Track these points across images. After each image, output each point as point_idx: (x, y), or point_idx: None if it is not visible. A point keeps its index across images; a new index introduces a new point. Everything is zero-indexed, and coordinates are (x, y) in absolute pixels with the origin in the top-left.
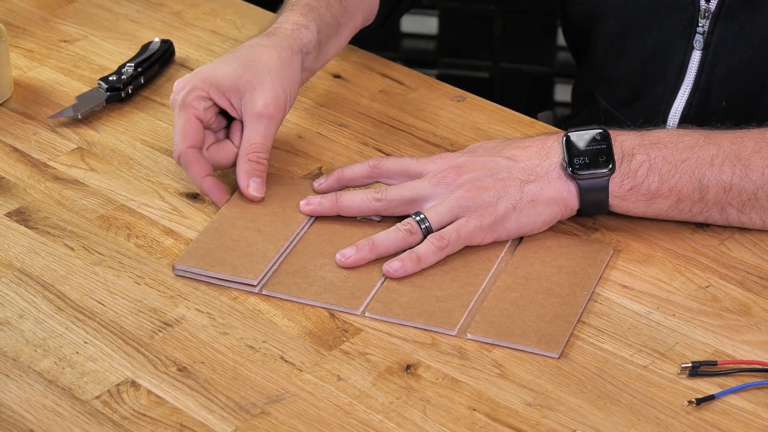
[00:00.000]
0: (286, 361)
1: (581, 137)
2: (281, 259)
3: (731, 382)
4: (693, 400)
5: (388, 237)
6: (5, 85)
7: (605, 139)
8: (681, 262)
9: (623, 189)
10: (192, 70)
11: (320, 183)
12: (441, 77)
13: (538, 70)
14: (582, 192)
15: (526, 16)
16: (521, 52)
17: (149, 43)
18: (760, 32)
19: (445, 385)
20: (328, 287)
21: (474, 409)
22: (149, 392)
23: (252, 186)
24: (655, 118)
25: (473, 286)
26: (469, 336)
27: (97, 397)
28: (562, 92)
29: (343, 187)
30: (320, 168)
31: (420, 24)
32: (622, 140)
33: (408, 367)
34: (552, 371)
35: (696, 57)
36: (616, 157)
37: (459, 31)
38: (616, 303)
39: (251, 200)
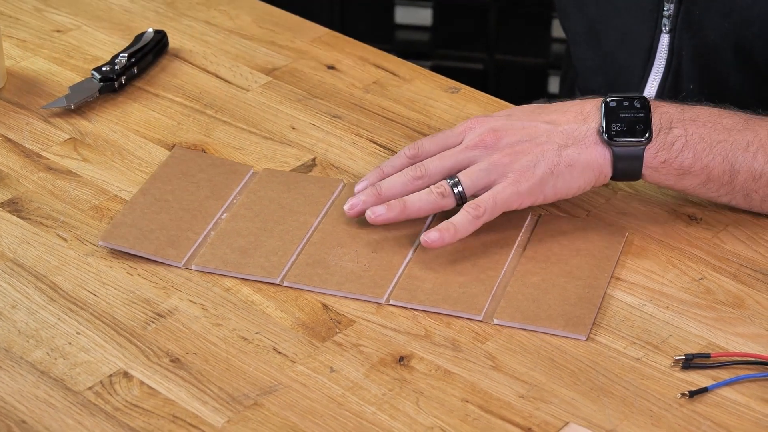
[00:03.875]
0: (279, 352)
1: (620, 104)
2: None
3: (724, 374)
4: (686, 392)
5: (420, 199)
6: None
7: (645, 108)
8: (675, 254)
9: (657, 160)
10: (186, 60)
11: (362, 185)
12: (435, 69)
13: (533, 61)
14: (616, 159)
15: (520, 8)
16: (516, 43)
17: (143, 34)
18: (723, 11)
19: (438, 377)
20: (349, 277)
21: (467, 401)
22: (142, 383)
23: None
24: None
25: (494, 271)
26: (495, 321)
27: (90, 388)
28: (557, 84)
29: None
30: (314, 159)
31: (414, 15)
32: (662, 111)
33: (401, 358)
34: (545, 363)
35: (665, 40)
36: (654, 128)
37: (453, 22)
38: (609, 295)
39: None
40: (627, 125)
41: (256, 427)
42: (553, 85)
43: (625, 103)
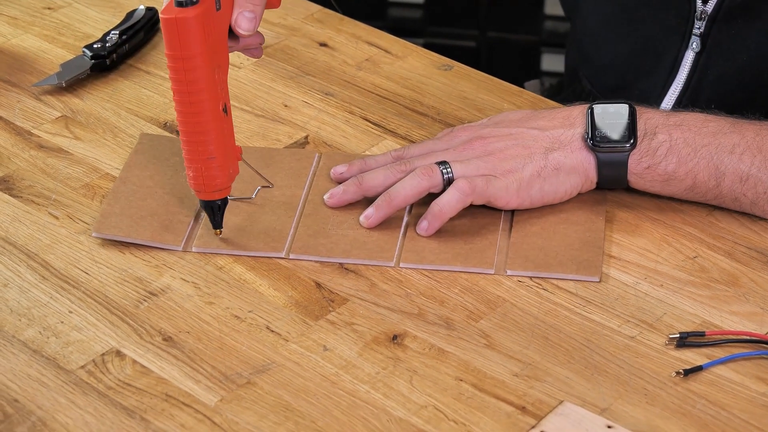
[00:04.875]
0: (272, 331)
1: (606, 110)
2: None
3: (719, 352)
4: (681, 370)
5: (404, 187)
6: None
7: (630, 114)
8: (669, 232)
9: (641, 166)
10: None
11: (340, 172)
12: (427, 46)
13: (525, 39)
14: (600, 165)
15: None
16: (508, 21)
17: (134, 11)
18: (756, 38)
19: (431, 356)
20: (354, 244)
21: (461, 380)
22: (134, 362)
23: (243, 18)
24: None
25: (493, 225)
26: (508, 272)
27: (82, 367)
28: (549, 62)
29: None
30: (306, 137)
31: None
32: (648, 117)
33: (394, 337)
34: (539, 342)
35: (689, 57)
36: (638, 134)
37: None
38: (603, 273)
39: (239, 34)
40: (612, 131)
41: (249, 406)
42: (546, 62)
43: (611, 110)
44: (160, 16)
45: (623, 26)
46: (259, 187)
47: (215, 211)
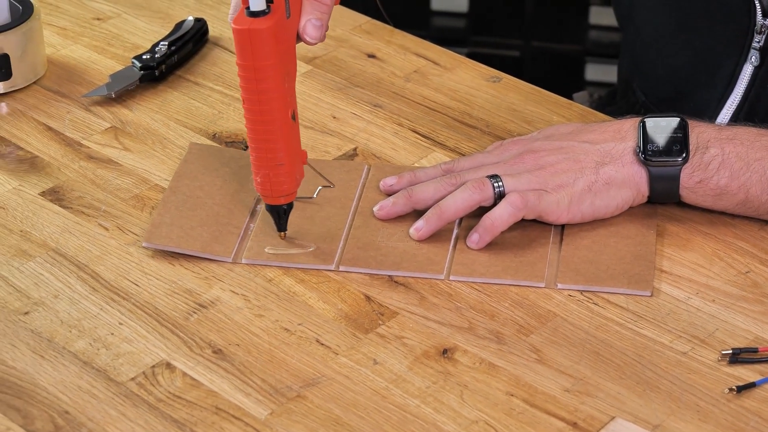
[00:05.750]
0: (322, 344)
1: (658, 123)
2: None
3: None
4: (733, 387)
5: (455, 200)
6: (39, 63)
7: (683, 128)
8: (720, 246)
9: (693, 181)
10: (226, 49)
11: (390, 184)
12: (471, 55)
13: (570, 48)
14: (652, 179)
15: None
16: (553, 30)
17: (183, 22)
18: None
19: (482, 370)
20: (404, 256)
21: (512, 395)
22: (184, 374)
23: (311, 26)
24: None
25: (544, 238)
26: (559, 286)
27: (132, 379)
28: (594, 72)
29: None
30: (355, 148)
31: (450, 2)
32: (700, 131)
33: (445, 351)
34: (590, 357)
35: (748, 70)
36: (691, 148)
37: (489, 8)
38: (654, 288)
39: (306, 42)
40: (664, 145)
41: (300, 420)
42: (590, 72)
43: (663, 123)
44: (233, 26)
45: (679, 37)
46: (320, 187)
47: (281, 214)
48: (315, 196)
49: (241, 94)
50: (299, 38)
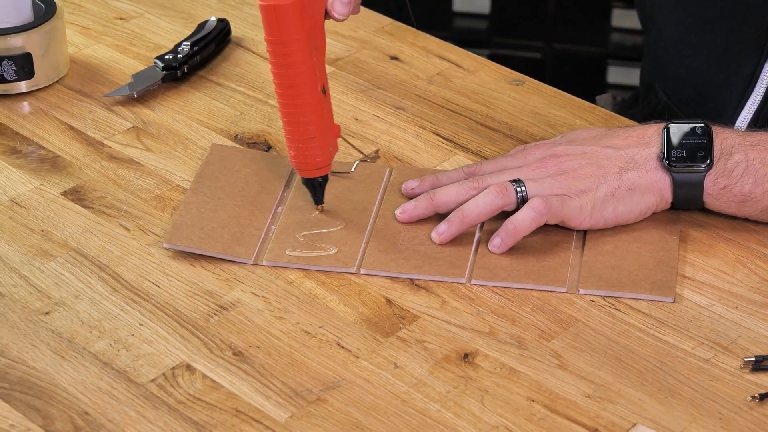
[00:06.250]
0: (343, 347)
1: (681, 129)
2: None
3: None
4: (756, 395)
5: (477, 204)
6: (61, 63)
7: (707, 134)
8: (744, 253)
9: (716, 187)
10: (248, 49)
11: (412, 187)
12: (492, 57)
13: (592, 51)
14: (676, 185)
15: None
16: (575, 32)
17: (205, 22)
18: None
19: (503, 375)
20: (425, 260)
21: (533, 400)
22: (204, 376)
23: (339, 3)
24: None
25: (566, 243)
26: (581, 291)
27: (153, 380)
28: (616, 74)
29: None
30: (377, 151)
31: (472, 3)
32: (724, 137)
33: (466, 355)
34: (612, 363)
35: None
36: (715, 154)
37: (511, 10)
38: (677, 294)
39: (334, 19)
40: (688, 151)
41: (320, 423)
42: (612, 75)
43: (687, 129)
44: (260, 3)
45: (699, 38)
46: (357, 162)
47: (316, 187)
48: (353, 170)
49: (271, 69)
50: (328, 15)
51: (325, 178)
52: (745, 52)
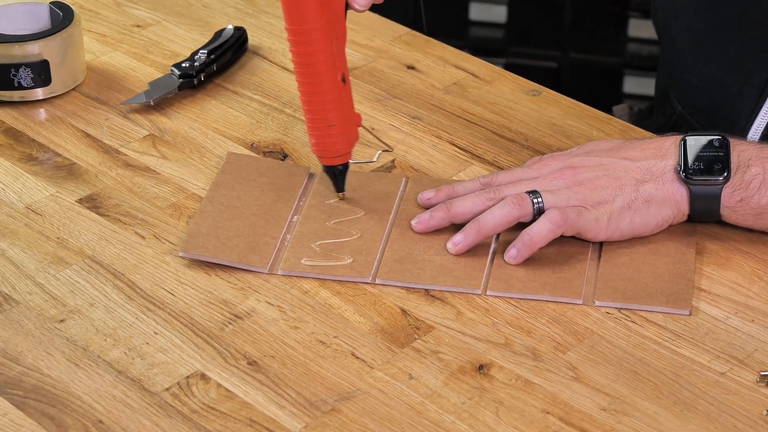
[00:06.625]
0: (357, 357)
1: (699, 142)
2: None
3: None
4: None
5: (494, 215)
6: (78, 70)
7: (724, 146)
8: (760, 266)
9: (733, 200)
10: (265, 58)
11: (428, 197)
12: (509, 66)
13: (608, 61)
14: (693, 197)
15: (596, 6)
16: (591, 42)
17: (222, 30)
18: None
19: (518, 387)
20: (440, 270)
21: (547, 413)
22: (219, 386)
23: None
24: (736, 135)
25: (582, 254)
26: (597, 303)
27: (167, 389)
28: (632, 84)
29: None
30: (393, 160)
31: (489, 12)
32: (741, 150)
33: (481, 367)
34: (627, 375)
35: None
36: (732, 167)
37: (528, 19)
38: (693, 307)
39: (354, 9)
40: (705, 164)
41: None
42: (629, 85)
43: (705, 142)
44: None
45: (713, 46)
46: (379, 152)
47: (337, 175)
48: (375, 159)
49: (291, 57)
50: (349, 6)
51: (346, 166)
52: (758, 60)
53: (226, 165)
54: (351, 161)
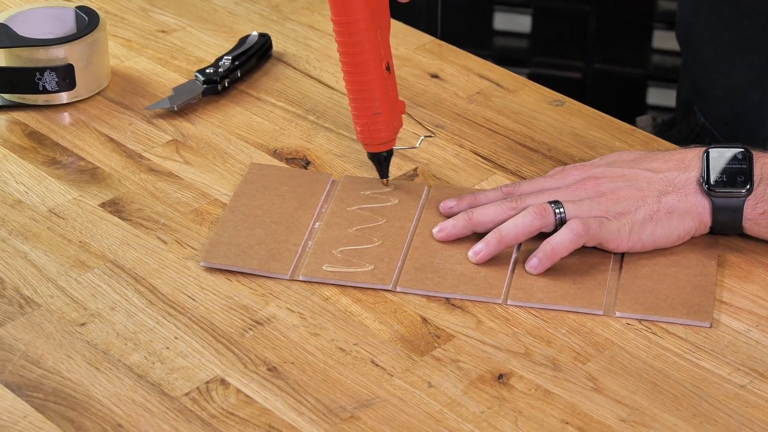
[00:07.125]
0: (377, 365)
1: (722, 154)
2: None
3: None
4: None
5: (515, 225)
6: (103, 74)
7: (747, 159)
8: None
9: (756, 212)
10: (289, 65)
11: (450, 206)
12: (532, 76)
13: (632, 72)
14: (715, 209)
15: (621, 17)
16: (616, 53)
17: (247, 37)
18: None
19: (537, 397)
20: (461, 279)
21: (566, 423)
22: (238, 391)
23: None
24: (758, 145)
25: (603, 265)
26: (617, 314)
27: (186, 394)
28: (656, 96)
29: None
30: (415, 169)
31: (513, 22)
32: (764, 162)
33: (500, 376)
34: (647, 387)
35: None
36: (755, 179)
37: (552, 30)
38: (714, 319)
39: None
40: (728, 176)
41: None
42: (653, 96)
43: (728, 154)
44: None
45: (736, 56)
46: (422, 137)
47: (381, 162)
48: (418, 145)
49: (337, 48)
50: None
51: (390, 153)
52: None
53: (248, 175)
54: (395, 147)
